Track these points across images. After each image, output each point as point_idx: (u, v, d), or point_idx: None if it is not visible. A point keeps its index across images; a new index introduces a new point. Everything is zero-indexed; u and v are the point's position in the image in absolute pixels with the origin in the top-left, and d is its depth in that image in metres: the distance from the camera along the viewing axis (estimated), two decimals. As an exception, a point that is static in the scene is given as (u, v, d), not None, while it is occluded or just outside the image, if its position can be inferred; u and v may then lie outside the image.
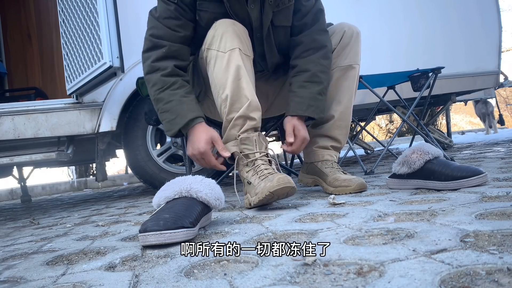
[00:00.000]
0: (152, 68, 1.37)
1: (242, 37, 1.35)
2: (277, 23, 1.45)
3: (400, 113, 2.59)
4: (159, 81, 1.36)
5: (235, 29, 1.34)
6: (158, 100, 1.36)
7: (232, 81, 1.30)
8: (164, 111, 1.35)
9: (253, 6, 1.40)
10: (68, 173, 6.99)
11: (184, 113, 1.31)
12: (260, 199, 1.16)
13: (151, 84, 1.38)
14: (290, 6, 1.45)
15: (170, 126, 1.33)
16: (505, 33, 11.89)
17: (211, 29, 1.37)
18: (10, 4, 3.76)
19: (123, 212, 1.73)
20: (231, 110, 1.31)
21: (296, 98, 1.40)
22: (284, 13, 1.44)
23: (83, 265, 0.81)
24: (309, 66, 1.42)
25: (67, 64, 2.28)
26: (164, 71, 1.36)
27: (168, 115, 1.33)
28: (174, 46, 1.39)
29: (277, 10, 1.43)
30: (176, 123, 1.32)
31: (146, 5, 2.20)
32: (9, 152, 2.32)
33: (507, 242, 0.63)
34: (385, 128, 10.70)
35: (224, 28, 1.33)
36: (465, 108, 16.27)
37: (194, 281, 0.62)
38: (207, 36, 1.37)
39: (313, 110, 1.38)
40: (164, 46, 1.37)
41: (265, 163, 1.26)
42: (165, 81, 1.35)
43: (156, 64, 1.37)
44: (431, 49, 3.08)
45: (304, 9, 1.46)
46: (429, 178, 1.24)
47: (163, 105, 1.35)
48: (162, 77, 1.35)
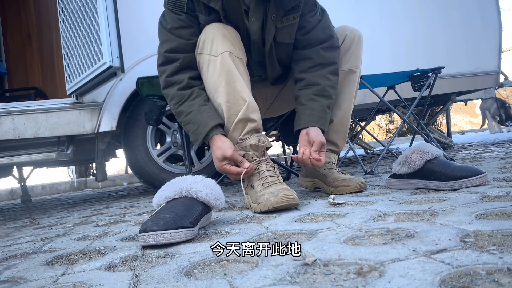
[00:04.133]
0: (168, 83, 1.37)
1: (233, 40, 1.34)
2: (280, 39, 1.42)
3: (400, 113, 2.59)
4: (176, 96, 1.36)
5: (225, 32, 1.33)
6: (178, 114, 1.36)
7: (226, 84, 1.29)
8: (186, 123, 1.35)
9: (254, 20, 1.38)
10: (68, 173, 6.99)
11: (205, 122, 1.30)
12: (262, 210, 1.17)
13: (169, 99, 1.38)
14: (294, 24, 1.41)
15: (195, 136, 1.33)
16: (505, 33, 11.88)
17: (202, 33, 1.35)
18: (10, 4, 3.76)
19: (123, 212, 1.73)
20: (230, 114, 1.30)
21: (307, 111, 1.37)
22: (287, 30, 1.41)
23: (83, 265, 0.81)
24: (319, 80, 1.39)
25: (67, 64, 2.28)
26: (180, 85, 1.35)
27: (191, 126, 1.33)
28: (187, 57, 1.37)
29: (281, 27, 1.40)
30: (199, 133, 1.31)
31: (150, 4, 2.20)
32: (9, 152, 2.32)
33: (507, 242, 0.62)
34: (385, 128, 10.70)
35: (214, 32, 1.32)
36: (465, 108, 16.27)
37: (194, 281, 0.62)
38: (198, 41, 1.36)
39: (322, 122, 1.37)
40: (177, 60, 1.36)
41: (269, 170, 1.26)
42: (181, 94, 1.35)
43: (171, 79, 1.37)
44: (431, 49, 3.09)
45: (309, 25, 1.42)
46: (429, 178, 1.24)
47: (184, 118, 1.35)
48: (178, 91, 1.35)
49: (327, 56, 1.41)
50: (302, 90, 1.42)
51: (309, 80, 1.41)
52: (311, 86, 1.40)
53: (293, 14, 1.39)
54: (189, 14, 1.37)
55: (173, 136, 2.54)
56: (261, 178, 1.24)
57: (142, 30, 2.38)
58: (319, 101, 1.37)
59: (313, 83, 1.40)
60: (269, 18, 1.37)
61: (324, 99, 1.38)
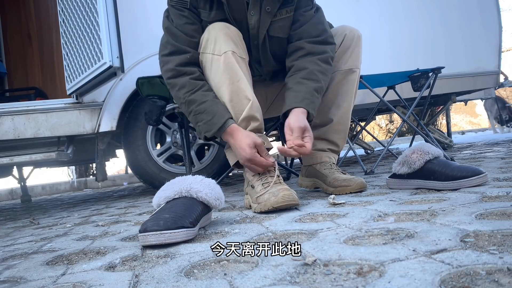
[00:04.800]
0: (179, 72, 1.33)
1: (235, 39, 1.34)
2: (272, 33, 1.42)
3: (400, 113, 2.59)
4: (188, 84, 1.31)
5: (228, 32, 1.33)
6: (190, 102, 1.31)
7: (230, 83, 1.29)
8: (198, 112, 1.29)
9: (253, 13, 1.38)
10: (68, 173, 6.99)
11: (221, 113, 1.27)
12: (262, 210, 1.17)
13: (178, 87, 1.33)
14: (288, 18, 1.41)
15: (208, 127, 1.28)
16: (505, 33, 11.89)
17: (204, 33, 1.35)
18: (10, 4, 3.76)
19: (123, 212, 1.73)
20: (234, 112, 1.29)
21: (291, 93, 1.33)
22: (281, 23, 1.41)
23: (83, 265, 0.81)
24: (307, 65, 1.36)
25: (67, 64, 2.28)
26: (193, 75, 1.33)
27: (205, 116, 1.28)
28: (196, 54, 1.36)
29: (275, 20, 1.40)
30: (214, 123, 1.27)
31: (151, 4, 2.19)
32: (9, 152, 2.32)
33: (507, 242, 0.62)
34: (385, 128, 10.70)
35: (217, 31, 1.32)
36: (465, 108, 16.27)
37: (194, 281, 0.62)
38: (201, 40, 1.36)
39: (307, 103, 1.29)
40: (188, 53, 1.35)
41: (270, 169, 1.26)
42: (195, 83, 1.31)
43: (182, 69, 1.33)
44: (431, 49, 3.08)
45: (303, 19, 1.42)
46: (429, 178, 1.24)
47: (196, 107, 1.30)
48: (191, 80, 1.32)
49: (319, 47, 1.39)
50: (291, 76, 1.39)
51: (297, 65, 1.38)
52: (299, 71, 1.37)
53: (287, 7, 1.40)
54: (191, 10, 1.37)
55: (173, 136, 2.54)
56: (261, 178, 1.25)
57: (142, 30, 2.38)
58: (305, 84, 1.33)
59: (301, 68, 1.37)
60: (263, 9, 1.37)
61: (312, 82, 1.33)
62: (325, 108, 1.50)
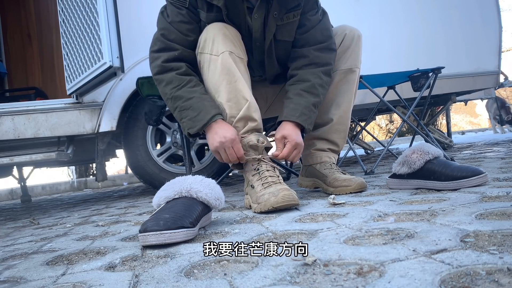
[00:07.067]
0: (165, 68, 1.34)
1: (234, 40, 1.34)
2: (279, 37, 1.42)
3: (400, 113, 2.59)
4: (175, 79, 1.31)
5: (226, 32, 1.33)
6: (176, 98, 1.31)
7: (228, 83, 1.29)
8: (184, 108, 1.30)
9: (257, 16, 1.38)
10: (68, 173, 7.00)
11: (207, 109, 1.27)
12: (262, 210, 1.17)
13: (165, 83, 1.33)
14: (295, 22, 1.41)
15: (192, 123, 1.28)
16: (505, 33, 11.88)
17: (203, 33, 1.35)
18: (10, 4, 3.76)
19: (123, 212, 1.73)
20: (231, 112, 1.30)
21: (291, 105, 1.36)
22: (287, 28, 1.41)
23: (83, 265, 0.81)
24: (310, 77, 1.38)
25: (67, 64, 2.28)
26: (179, 70, 1.33)
27: (190, 112, 1.29)
28: (186, 52, 1.36)
29: (281, 24, 1.40)
30: (199, 119, 1.27)
31: (150, 4, 2.19)
32: (9, 152, 2.32)
33: (507, 242, 0.62)
34: (385, 128, 10.70)
35: (216, 31, 1.32)
36: (465, 108, 16.27)
37: (194, 281, 0.62)
38: (199, 40, 1.35)
39: (304, 119, 1.33)
40: (177, 50, 1.35)
41: (269, 169, 1.26)
42: (181, 79, 1.32)
43: (169, 64, 1.34)
44: (431, 49, 3.08)
45: (309, 24, 1.42)
46: (429, 178, 1.24)
47: (183, 103, 1.30)
48: (177, 75, 1.32)
49: (323, 56, 1.41)
50: (292, 85, 1.41)
51: (301, 76, 1.40)
52: (301, 82, 1.39)
53: (293, 12, 1.39)
54: (190, 10, 1.37)
55: (173, 136, 2.54)
56: (261, 178, 1.24)
57: (142, 30, 2.37)
58: (305, 97, 1.36)
59: (303, 79, 1.39)
60: (271, 15, 1.37)
61: (312, 96, 1.36)
62: (325, 108, 1.50)
